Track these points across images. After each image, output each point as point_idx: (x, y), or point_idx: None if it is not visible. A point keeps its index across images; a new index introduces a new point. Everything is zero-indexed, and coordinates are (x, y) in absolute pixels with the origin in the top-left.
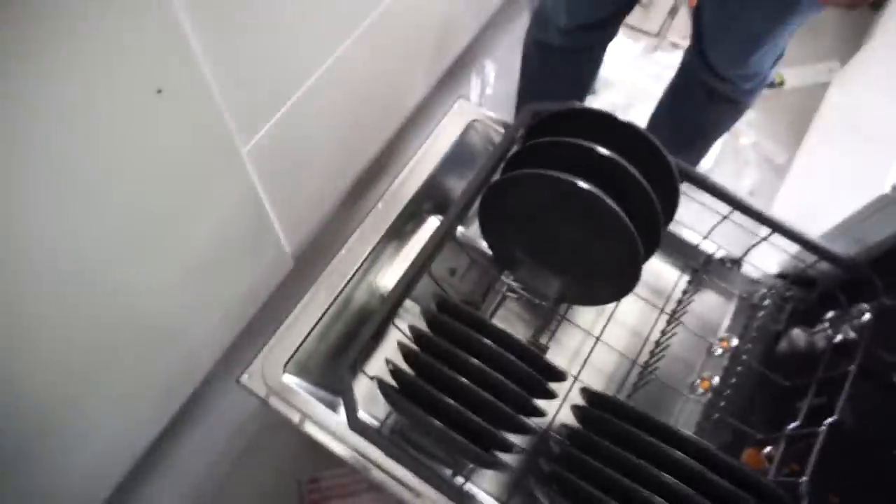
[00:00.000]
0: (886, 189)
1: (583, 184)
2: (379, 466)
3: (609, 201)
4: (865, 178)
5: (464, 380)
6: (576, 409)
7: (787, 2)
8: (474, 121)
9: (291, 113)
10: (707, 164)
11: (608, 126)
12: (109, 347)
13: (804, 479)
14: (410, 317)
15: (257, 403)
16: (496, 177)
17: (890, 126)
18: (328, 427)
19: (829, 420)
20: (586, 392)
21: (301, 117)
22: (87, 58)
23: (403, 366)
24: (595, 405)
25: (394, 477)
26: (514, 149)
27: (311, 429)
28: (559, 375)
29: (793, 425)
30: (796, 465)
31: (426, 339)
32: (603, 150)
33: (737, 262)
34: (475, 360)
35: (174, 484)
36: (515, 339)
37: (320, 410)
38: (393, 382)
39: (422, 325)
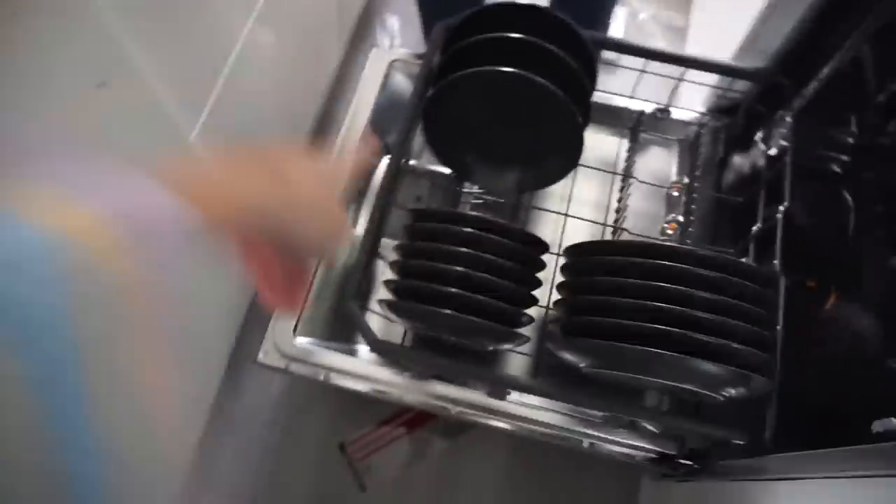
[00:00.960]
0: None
1: (506, 68)
2: (409, 390)
3: (535, 77)
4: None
5: (461, 268)
6: (564, 270)
7: None
8: (394, 61)
9: (226, 92)
10: None
11: (515, 16)
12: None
13: (776, 261)
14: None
15: (280, 386)
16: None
17: None
18: (353, 371)
19: (782, 208)
20: (568, 250)
21: (236, 95)
22: (26, 52)
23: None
24: (581, 252)
25: (426, 392)
26: (437, 67)
27: (337, 379)
28: (543, 245)
29: (756, 227)
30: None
31: (412, 248)
32: (515, 35)
33: (666, 110)
34: (464, 249)
35: (219, 487)
36: (494, 220)
37: (340, 359)
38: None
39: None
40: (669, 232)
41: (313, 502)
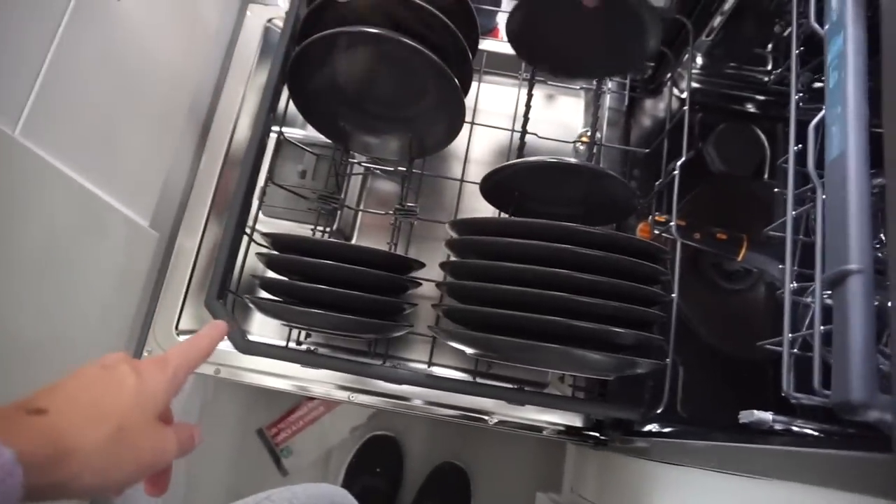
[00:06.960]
0: None
1: (371, 28)
2: (306, 381)
3: (402, 37)
4: None
5: (331, 262)
6: (448, 244)
7: None
8: (270, 20)
9: (53, 78)
10: None
11: None
12: None
13: (672, 223)
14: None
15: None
16: None
17: None
18: (244, 366)
19: (679, 161)
20: (454, 224)
21: (69, 81)
22: None
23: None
24: (463, 229)
25: (323, 382)
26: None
27: (228, 374)
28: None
29: (659, 182)
30: (681, 220)
31: (284, 241)
32: None
33: None
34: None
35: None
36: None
37: (229, 353)
38: (268, 295)
39: None
40: None
41: (234, 492)
